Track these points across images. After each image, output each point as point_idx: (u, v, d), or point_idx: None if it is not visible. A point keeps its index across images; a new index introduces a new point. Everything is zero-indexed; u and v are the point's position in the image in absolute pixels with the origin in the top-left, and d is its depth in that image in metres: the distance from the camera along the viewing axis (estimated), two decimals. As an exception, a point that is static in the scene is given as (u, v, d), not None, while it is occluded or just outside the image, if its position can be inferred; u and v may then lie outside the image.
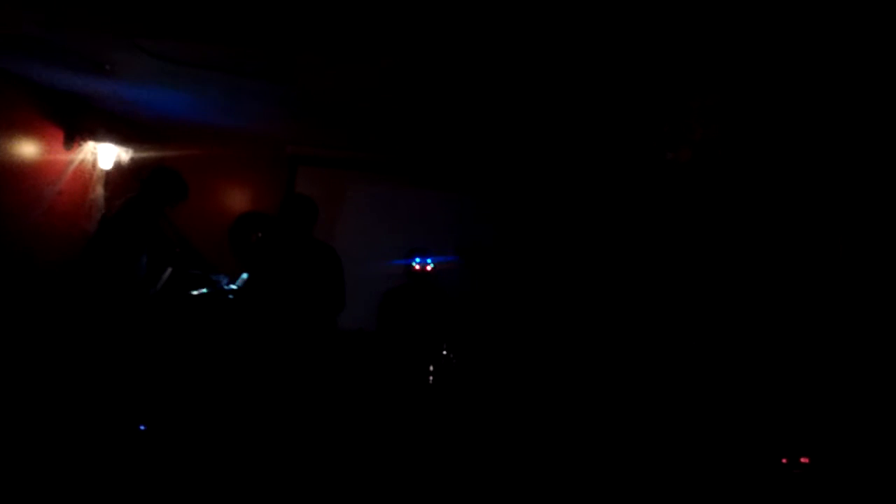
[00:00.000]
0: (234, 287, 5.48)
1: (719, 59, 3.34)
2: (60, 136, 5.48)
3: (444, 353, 5.76)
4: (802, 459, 3.72)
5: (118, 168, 5.92)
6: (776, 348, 4.33)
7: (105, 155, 5.80)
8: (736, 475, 4.09)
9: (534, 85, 3.97)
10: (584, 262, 6.50)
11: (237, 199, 6.98)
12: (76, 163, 5.62)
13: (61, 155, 5.49)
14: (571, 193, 6.77)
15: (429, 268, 5.77)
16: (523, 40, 3.32)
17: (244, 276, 5.55)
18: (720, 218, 4.41)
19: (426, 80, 4.09)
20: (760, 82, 3.52)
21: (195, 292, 5.40)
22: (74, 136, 5.56)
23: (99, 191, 5.82)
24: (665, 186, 4.86)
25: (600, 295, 6.20)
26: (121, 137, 5.89)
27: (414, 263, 5.74)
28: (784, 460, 3.75)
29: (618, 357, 5.58)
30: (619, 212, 6.11)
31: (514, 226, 7.01)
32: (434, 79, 4.06)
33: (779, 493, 3.86)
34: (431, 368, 5.74)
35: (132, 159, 6.06)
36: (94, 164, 5.78)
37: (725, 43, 3.15)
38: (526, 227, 6.96)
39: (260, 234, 5.57)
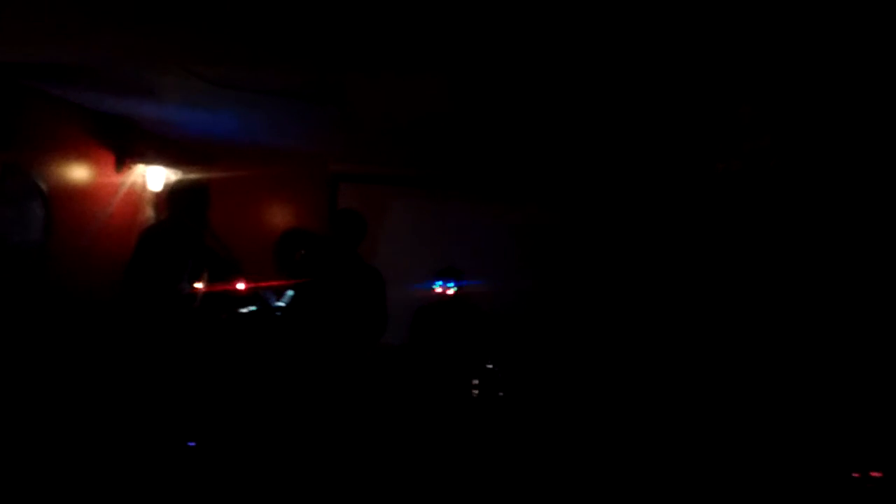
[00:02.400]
0: (281, 304, 5.55)
1: (768, 68, 3.31)
2: (111, 159, 5.60)
3: (489, 367, 5.78)
4: (873, 473, 3.64)
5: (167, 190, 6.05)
6: (829, 356, 4.25)
7: (154, 177, 5.92)
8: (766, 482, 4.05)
9: (583, 97, 3.97)
10: (635, 274, 6.47)
11: (281, 217, 7.07)
12: (127, 185, 5.74)
13: (112, 178, 5.61)
14: (622, 205, 6.75)
15: (450, 291, 5.78)
16: (570, 53, 3.33)
17: (290, 293, 5.62)
18: (771, 228, 4.35)
19: (473, 95, 4.12)
20: (810, 92, 3.48)
21: (244, 310, 5.48)
22: (124, 159, 5.68)
23: (149, 212, 5.95)
24: (716, 197, 4.82)
25: (651, 306, 6.15)
26: (169, 159, 6.01)
27: (436, 287, 5.78)
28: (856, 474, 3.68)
29: (670, 368, 5.52)
30: (670, 223, 6.07)
31: (562, 239, 7.01)
32: (481, 93, 4.08)
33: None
34: (476, 382, 5.75)
35: (173, 181, 6.17)
36: (143, 187, 5.91)
37: (774, 53, 3.12)
38: (576, 238, 6.96)
39: (304, 251, 5.63)
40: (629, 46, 3.16)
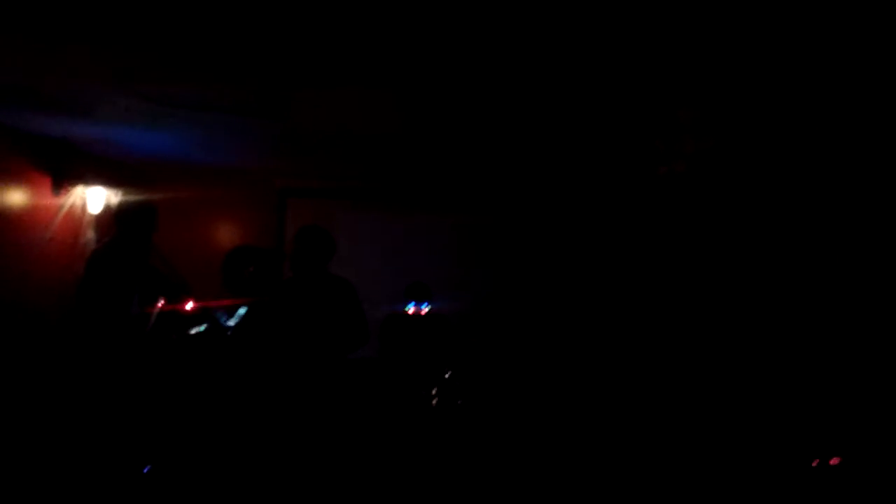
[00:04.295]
0: (231, 323, 5.45)
1: (708, 70, 3.40)
2: (48, 182, 5.45)
3: (447, 375, 5.79)
4: (833, 461, 3.75)
5: (108, 211, 5.90)
6: (775, 352, 4.38)
7: (94, 199, 5.78)
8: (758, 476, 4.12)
9: (525, 105, 4.02)
10: (583, 277, 6.56)
11: (228, 235, 6.96)
12: (66, 208, 5.59)
13: (50, 201, 5.46)
14: (568, 210, 6.84)
15: (423, 312, 5.83)
16: (511, 63, 3.38)
17: (241, 311, 5.53)
18: (716, 229, 4.47)
19: (419, 108, 4.14)
20: (750, 92, 3.59)
21: (194, 330, 5.36)
22: (62, 181, 5.53)
23: (90, 234, 5.80)
24: (660, 201, 4.93)
25: (600, 308, 6.25)
26: (109, 180, 5.87)
27: (408, 309, 5.82)
28: (815, 462, 3.79)
29: (621, 368, 5.61)
30: (615, 227, 6.18)
31: (512, 244, 7.09)
32: (427, 106, 4.10)
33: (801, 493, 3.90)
34: (434, 391, 5.75)
35: (121, 202, 6.03)
36: (83, 209, 5.76)
37: (714, 54, 3.21)
38: (524, 245, 7.04)
39: (252, 268, 5.55)
40: (569, 56, 3.22)
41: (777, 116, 3.82)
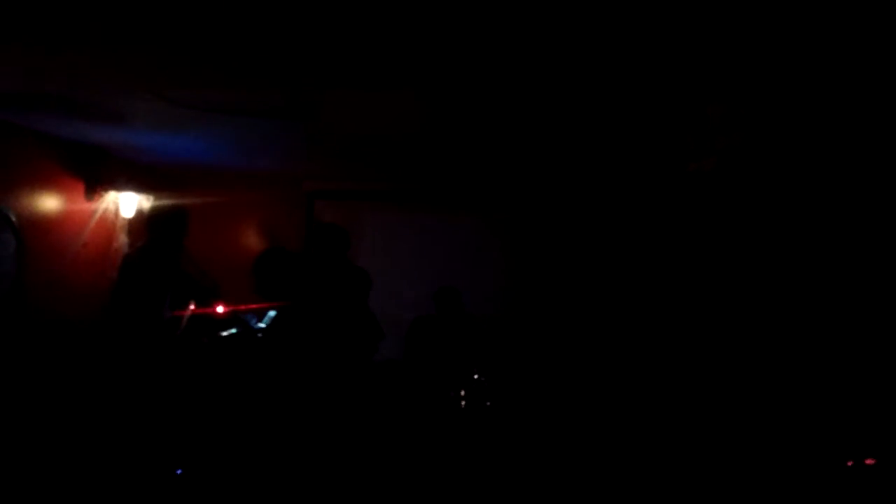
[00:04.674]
0: (262, 325, 5.49)
1: (736, 64, 3.35)
2: (81, 187, 5.55)
3: (476, 377, 5.76)
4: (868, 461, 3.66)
5: (140, 216, 5.99)
6: (804, 353, 4.28)
7: (126, 203, 5.87)
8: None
9: (552, 102, 3.99)
10: (612, 276, 6.49)
11: (257, 238, 7.02)
12: (99, 213, 5.69)
13: (84, 206, 5.56)
14: (597, 208, 6.79)
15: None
16: (539, 63, 3.35)
17: (271, 314, 5.56)
18: (747, 226, 4.39)
19: (445, 107, 4.13)
20: (779, 86, 3.52)
21: (225, 333, 5.41)
22: (95, 186, 5.63)
23: (123, 239, 5.89)
24: (691, 198, 4.85)
25: (629, 307, 6.18)
26: (141, 185, 5.96)
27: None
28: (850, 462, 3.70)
29: (649, 371, 5.54)
30: (645, 225, 6.10)
31: (539, 244, 7.05)
32: (453, 105, 4.09)
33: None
34: (463, 393, 5.73)
35: (153, 207, 6.12)
36: (116, 214, 5.85)
37: (742, 48, 3.15)
38: (552, 244, 7.00)
39: (283, 272, 5.58)
40: (597, 53, 3.18)
41: (809, 111, 3.74)
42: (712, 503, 4.17)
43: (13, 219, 4.67)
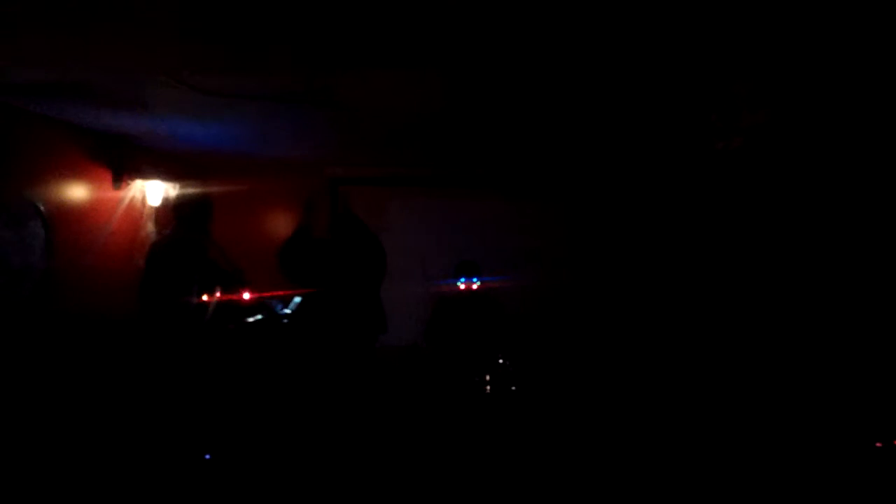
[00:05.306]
0: (288, 311, 5.53)
1: (761, 42, 3.27)
2: (108, 176, 5.59)
3: (501, 361, 5.75)
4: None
5: (166, 204, 6.03)
6: (831, 339, 4.19)
7: (153, 192, 5.92)
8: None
9: (579, 85, 3.93)
10: (644, 263, 6.42)
11: (281, 225, 7.05)
12: (126, 201, 5.74)
13: (111, 195, 5.61)
14: (626, 195, 6.71)
15: (474, 286, 5.82)
16: (563, 42, 3.30)
17: (297, 300, 5.60)
18: (774, 204, 4.30)
19: (467, 90, 4.09)
20: (805, 63, 3.43)
21: (251, 319, 5.47)
22: (122, 175, 5.67)
23: (150, 227, 5.93)
24: (718, 176, 4.77)
25: (657, 290, 6.11)
26: (166, 174, 6.00)
27: (459, 283, 5.81)
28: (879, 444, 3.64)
29: (681, 354, 5.48)
30: (677, 209, 6.01)
31: (565, 227, 7.00)
32: (475, 87, 4.05)
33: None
34: (488, 378, 5.73)
35: (178, 195, 6.16)
36: (143, 202, 5.90)
37: (767, 26, 3.08)
38: (577, 228, 6.94)
39: (308, 257, 5.60)
40: (623, 32, 3.13)
41: (835, 89, 3.64)
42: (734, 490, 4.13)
43: (42, 209, 4.72)
